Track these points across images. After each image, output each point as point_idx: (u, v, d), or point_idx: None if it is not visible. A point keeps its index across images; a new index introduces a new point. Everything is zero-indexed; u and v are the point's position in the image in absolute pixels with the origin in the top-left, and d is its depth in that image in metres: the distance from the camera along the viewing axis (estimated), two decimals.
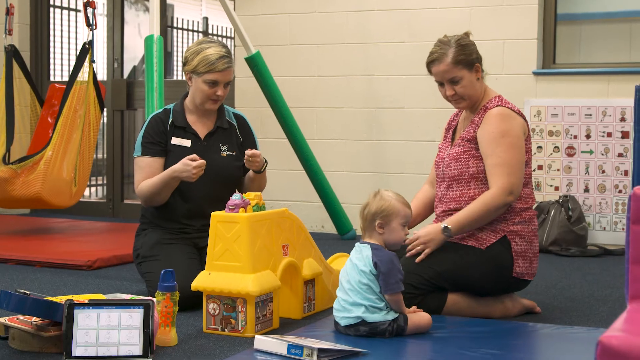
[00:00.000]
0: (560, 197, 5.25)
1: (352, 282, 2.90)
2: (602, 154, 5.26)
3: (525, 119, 3.35)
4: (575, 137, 5.32)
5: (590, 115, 5.27)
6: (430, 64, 3.34)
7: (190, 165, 3.43)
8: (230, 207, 3.03)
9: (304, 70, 5.96)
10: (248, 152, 3.53)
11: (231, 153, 3.70)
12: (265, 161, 3.63)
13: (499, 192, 3.19)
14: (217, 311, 2.98)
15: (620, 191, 5.24)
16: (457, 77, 3.29)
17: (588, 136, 5.29)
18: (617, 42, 5.56)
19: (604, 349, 1.72)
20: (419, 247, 3.20)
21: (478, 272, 3.23)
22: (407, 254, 3.20)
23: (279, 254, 3.14)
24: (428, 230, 3.23)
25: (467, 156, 3.31)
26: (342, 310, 2.92)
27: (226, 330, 2.97)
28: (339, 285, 2.98)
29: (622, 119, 5.21)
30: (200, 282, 3.02)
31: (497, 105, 3.31)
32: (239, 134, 3.76)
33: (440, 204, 3.39)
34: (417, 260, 3.18)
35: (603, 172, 5.27)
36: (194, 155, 3.48)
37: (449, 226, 3.18)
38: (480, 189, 3.28)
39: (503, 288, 3.33)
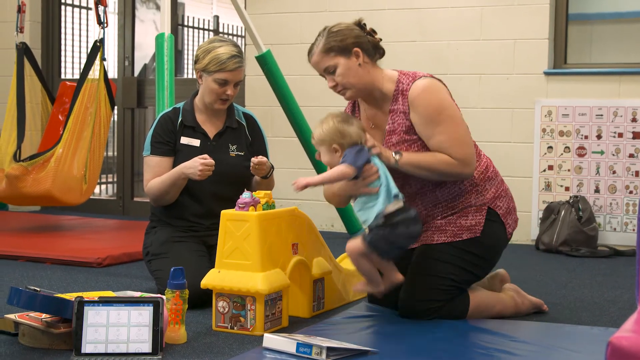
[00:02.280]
0: (570, 197, 5.23)
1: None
2: (613, 155, 5.25)
3: (439, 80, 3.11)
4: (586, 137, 5.30)
5: (601, 115, 5.26)
6: (308, 57, 3.17)
7: (197, 162, 3.44)
8: (240, 205, 3.03)
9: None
10: (254, 159, 3.52)
11: (240, 153, 3.69)
12: (272, 167, 3.63)
13: (455, 163, 2.99)
14: (227, 309, 2.98)
15: (631, 192, 5.22)
16: (331, 67, 3.10)
17: (599, 136, 5.27)
18: (629, 43, 5.54)
19: (614, 350, 1.72)
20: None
21: (486, 258, 3.17)
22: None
23: (289, 252, 3.14)
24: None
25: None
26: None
27: (235, 328, 2.97)
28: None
29: (634, 120, 5.19)
30: (210, 280, 3.02)
31: (412, 81, 3.06)
32: (248, 134, 3.76)
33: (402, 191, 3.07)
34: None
35: (614, 172, 5.25)
36: (205, 155, 3.48)
37: (401, 153, 3.00)
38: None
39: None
